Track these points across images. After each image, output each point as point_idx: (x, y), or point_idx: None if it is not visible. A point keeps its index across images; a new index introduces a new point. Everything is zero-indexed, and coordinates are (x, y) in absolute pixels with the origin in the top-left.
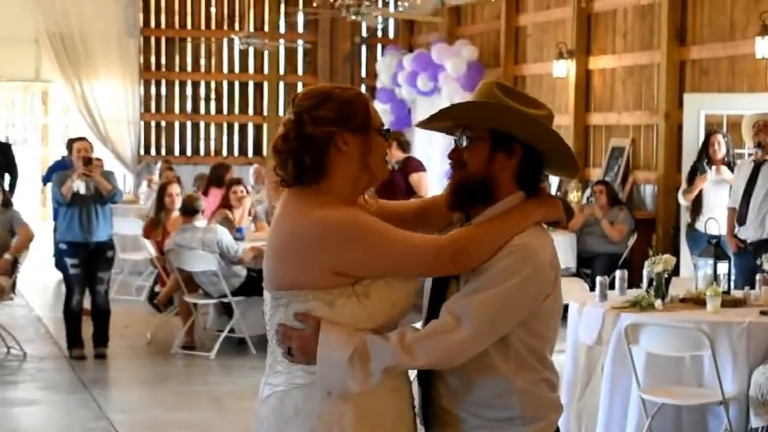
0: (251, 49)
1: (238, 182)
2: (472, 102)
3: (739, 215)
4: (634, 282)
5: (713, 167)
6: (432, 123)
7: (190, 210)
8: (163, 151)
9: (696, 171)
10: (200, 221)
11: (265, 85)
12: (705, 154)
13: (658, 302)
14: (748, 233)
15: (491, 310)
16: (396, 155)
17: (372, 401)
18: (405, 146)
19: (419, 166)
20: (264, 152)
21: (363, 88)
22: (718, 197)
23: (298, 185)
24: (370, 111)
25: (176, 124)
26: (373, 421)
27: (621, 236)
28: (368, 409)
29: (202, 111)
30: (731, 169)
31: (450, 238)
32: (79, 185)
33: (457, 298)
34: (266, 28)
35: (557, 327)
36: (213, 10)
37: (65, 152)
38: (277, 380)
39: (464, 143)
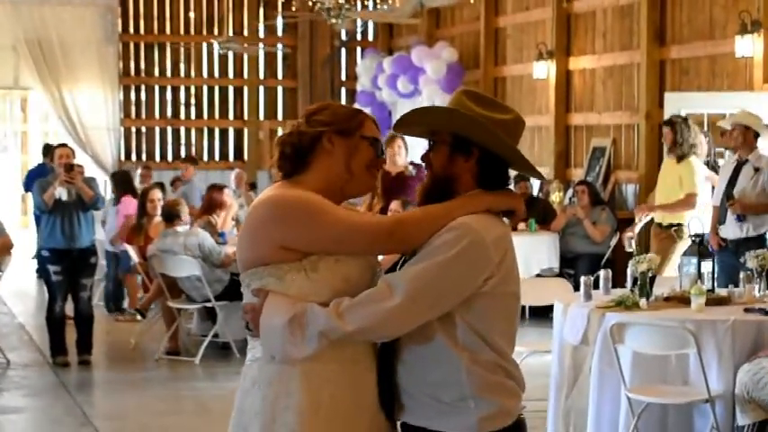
0: (230, 54)
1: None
2: (427, 107)
3: (720, 214)
4: (618, 281)
5: None
6: (404, 128)
7: (170, 215)
8: (144, 156)
9: None
10: (182, 227)
11: (245, 89)
12: None
13: (643, 302)
14: (728, 232)
15: (422, 281)
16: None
17: (323, 368)
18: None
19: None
20: (245, 156)
21: (343, 91)
22: (700, 196)
23: (286, 178)
24: (363, 121)
25: (157, 129)
26: (321, 387)
27: (603, 236)
28: (316, 375)
29: (183, 116)
30: (713, 169)
31: (391, 217)
32: (61, 192)
33: (395, 272)
34: (246, 32)
35: (510, 316)
36: (192, 15)
37: (43, 159)
38: (246, 360)
39: (430, 146)
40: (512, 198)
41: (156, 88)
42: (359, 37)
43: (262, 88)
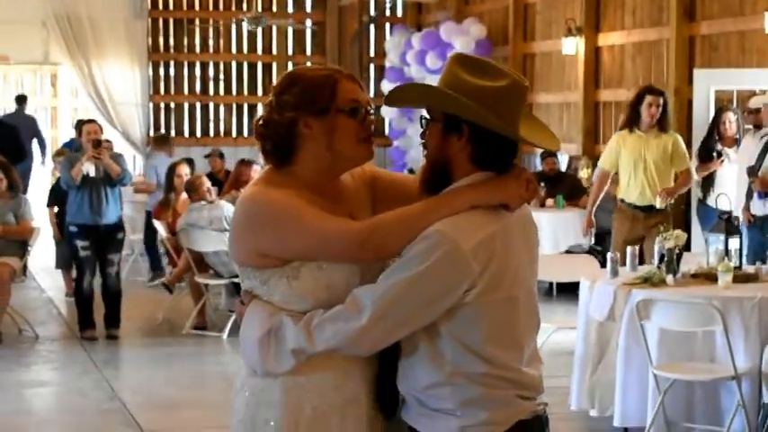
0: (259, 30)
1: (253, 162)
2: (405, 84)
3: (748, 190)
4: (645, 258)
5: (727, 152)
6: (396, 104)
7: (193, 190)
8: (173, 132)
9: (708, 147)
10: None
11: (274, 65)
12: (716, 131)
13: (670, 278)
14: (756, 208)
15: (389, 298)
16: None
17: (306, 380)
18: None
19: None
20: None
21: (372, 68)
22: (728, 173)
23: (275, 167)
24: (335, 90)
25: (185, 105)
26: (302, 399)
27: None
28: (298, 387)
29: (211, 92)
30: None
31: (362, 224)
32: (89, 168)
33: (367, 285)
34: (274, 8)
35: (506, 322)
36: None
37: (74, 134)
38: None
39: (425, 126)
40: (501, 188)
41: (185, 64)
42: (387, 13)
43: (290, 64)
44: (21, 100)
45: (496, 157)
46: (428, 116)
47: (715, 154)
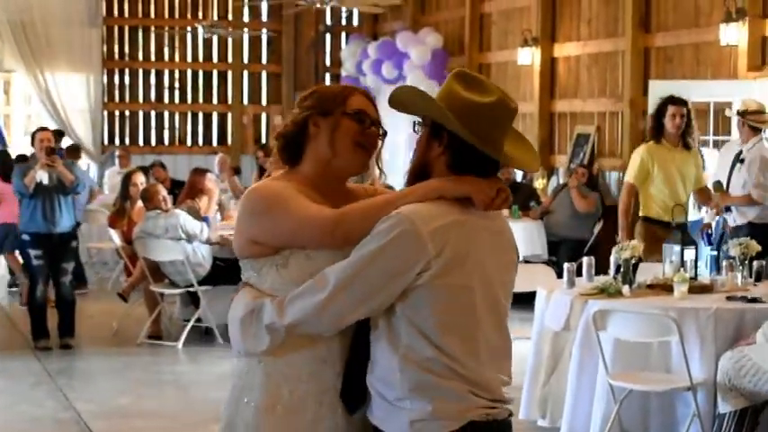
0: (215, 38)
1: (208, 170)
2: (394, 91)
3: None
4: (601, 268)
5: None
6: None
7: (149, 198)
8: (127, 141)
9: None
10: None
11: (229, 73)
12: None
13: (626, 289)
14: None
15: (350, 272)
16: None
17: (285, 365)
18: None
19: None
20: (229, 141)
21: (328, 77)
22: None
23: (287, 166)
24: (348, 97)
25: (140, 113)
26: (280, 383)
27: (589, 208)
28: (277, 371)
29: (166, 100)
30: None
31: (335, 211)
32: (42, 176)
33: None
34: (230, 16)
35: (461, 310)
36: None
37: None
38: None
39: (416, 131)
40: (469, 184)
41: (140, 72)
42: (343, 22)
43: (246, 73)
44: None
45: (472, 166)
46: (418, 122)
47: None
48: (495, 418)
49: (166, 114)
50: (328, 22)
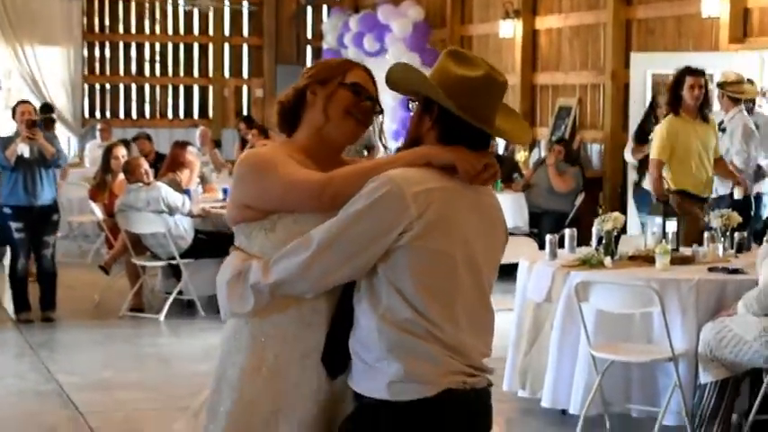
0: (196, 11)
1: (189, 143)
2: (388, 70)
3: None
4: (583, 240)
5: None
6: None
7: (130, 171)
8: (108, 114)
9: (644, 130)
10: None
11: (211, 46)
12: (653, 114)
13: (608, 260)
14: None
15: (335, 231)
16: None
17: (271, 328)
18: None
19: None
20: (210, 114)
21: (309, 50)
22: None
23: (284, 134)
24: (348, 70)
25: (121, 86)
26: (265, 346)
27: (567, 188)
28: (263, 333)
29: (147, 73)
30: None
31: (323, 175)
32: (23, 149)
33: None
34: None
35: (441, 275)
36: None
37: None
38: None
39: (410, 108)
40: (455, 154)
41: (121, 45)
42: None
43: (227, 46)
44: None
45: (462, 140)
46: (412, 99)
47: (650, 136)
48: (473, 387)
49: (147, 87)
50: None
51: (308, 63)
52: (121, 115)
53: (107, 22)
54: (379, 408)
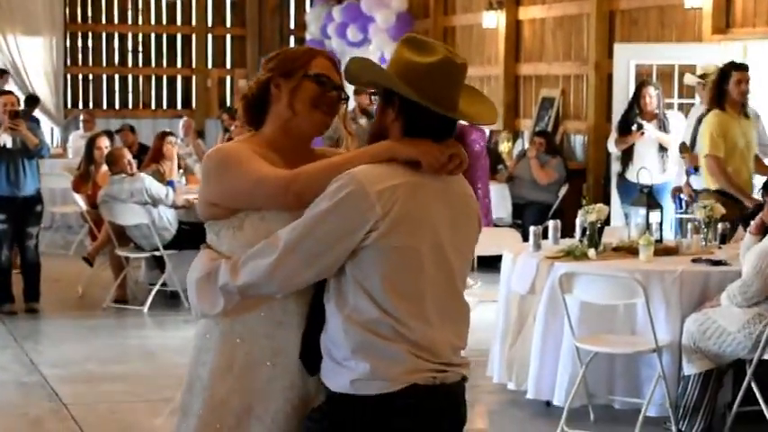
0: (179, 1)
1: (171, 133)
2: (346, 64)
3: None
4: (567, 231)
5: (647, 123)
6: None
7: (114, 162)
8: (90, 104)
9: (628, 121)
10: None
11: (193, 37)
12: (637, 105)
13: (592, 252)
14: (695, 183)
15: (300, 232)
16: None
17: (242, 328)
18: None
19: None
20: (193, 105)
21: (292, 40)
22: (647, 147)
23: (251, 129)
24: (310, 60)
25: (104, 77)
26: (235, 346)
27: (549, 179)
28: (234, 333)
29: (130, 63)
30: (662, 122)
31: (290, 171)
32: (6, 140)
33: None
34: None
35: (409, 272)
36: None
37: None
38: None
39: (373, 101)
40: (418, 147)
41: (104, 35)
42: None
43: (210, 36)
44: None
45: (426, 130)
46: (372, 92)
47: (634, 127)
48: (442, 382)
49: (130, 78)
50: None
51: None
52: (104, 106)
53: (89, 13)
54: (344, 401)
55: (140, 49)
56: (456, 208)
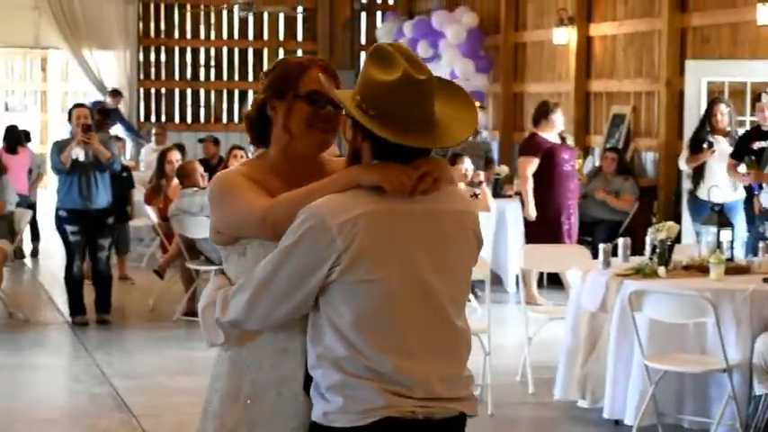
0: (250, 16)
1: (240, 147)
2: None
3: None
4: (636, 249)
5: (719, 140)
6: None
7: (185, 176)
8: (163, 118)
9: (699, 139)
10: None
11: (265, 51)
12: (708, 122)
13: (662, 270)
14: (764, 199)
15: (270, 269)
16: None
17: (248, 355)
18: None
19: (526, 148)
20: None
21: (363, 55)
22: (720, 165)
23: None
24: (299, 77)
25: (176, 91)
26: (243, 373)
27: (630, 205)
28: (241, 361)
29: (202, 77)
30: (734, 139)
31: (267, 202)
32: (78, 153)
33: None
34: None
35: (378, 305)
36: None
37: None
38: None
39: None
40: (378, 171)
41: (176, 50)
42: (379, 1)
43: (281, 51)
44: None
45: (393, 152)
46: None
47: (705, 145)
48: (428, 417)
49: (202, 92)
50: (363, 0)
51: None
52: (176, 119)
53: (162, 27)
54: (320, 429)
55: (212, 63)
56: (440, 228)
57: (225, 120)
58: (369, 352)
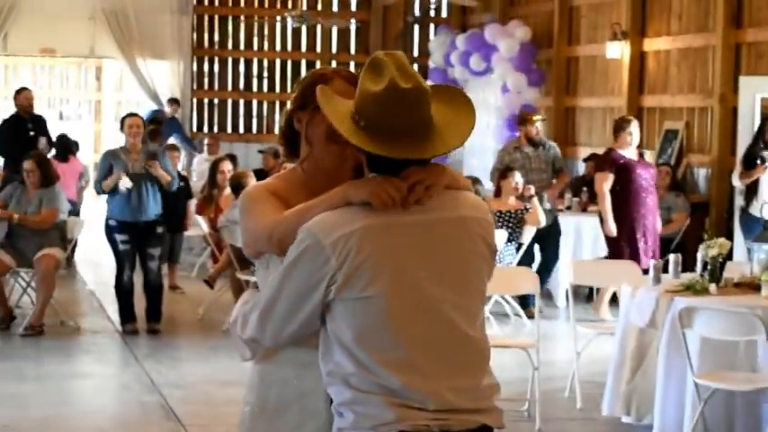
0: (303, 28)
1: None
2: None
3: None
4: (688, 266)
5: None
6: None
7: (238, 186)
8: (215, 129)
9: (752, 155)
10: None
11: (318, 63)
12: (761, 139)
13: (713, 287)
14: None
15: (271, 291)
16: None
17: (276, 369)
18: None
19: (600, 164)
20: None
21: (416, 67)
22: None
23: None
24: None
25: (229, 102)
26: (270, 386)
27: (681, 224)
28: (268, 374)
29: (255, 89)
30: None
31: (273, 219)
32: (126, 184)
33: None
34: (319, 6)
35: (376, 321)
36: None
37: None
38: None
39: None
40: (364, 187)
41: (230, 60)
42: (432, 13)
43: (334, 62)
44: None
45: (384, 163)
46: None
47: (758, 161)
48: (443, 430)
49: (255, 103)
50: (417, 12)
51: None
52: (229, 130)
53: (216, 38)
54: None
55: (265, 74)
56: (439, 236)
57: (277, 131)
58: (375, 368)
